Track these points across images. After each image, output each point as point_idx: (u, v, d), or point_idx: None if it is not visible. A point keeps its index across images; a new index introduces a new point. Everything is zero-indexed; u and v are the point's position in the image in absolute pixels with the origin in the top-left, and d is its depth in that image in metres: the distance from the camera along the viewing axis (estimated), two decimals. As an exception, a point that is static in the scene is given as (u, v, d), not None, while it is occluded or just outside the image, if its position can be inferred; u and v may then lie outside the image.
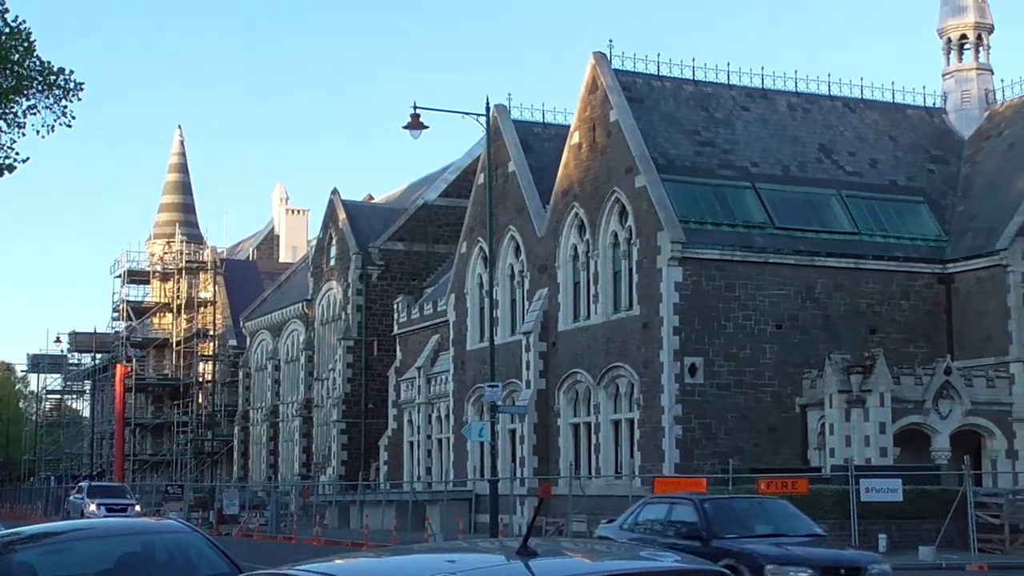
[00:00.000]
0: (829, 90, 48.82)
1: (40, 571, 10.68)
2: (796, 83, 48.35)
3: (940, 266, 44.04)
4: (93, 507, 53.76)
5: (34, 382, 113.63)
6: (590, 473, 43.52)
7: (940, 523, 31.17)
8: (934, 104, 50.56)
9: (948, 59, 50.93)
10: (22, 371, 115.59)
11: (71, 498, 60.28)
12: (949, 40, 50.82)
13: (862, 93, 49.39)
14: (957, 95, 50.32)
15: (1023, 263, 41.89)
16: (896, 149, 48.21)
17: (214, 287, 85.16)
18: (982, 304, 42.72)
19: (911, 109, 50.06)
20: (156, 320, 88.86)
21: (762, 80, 47.82)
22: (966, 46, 50.65)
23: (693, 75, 46.78)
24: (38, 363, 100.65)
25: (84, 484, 62.32)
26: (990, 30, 50.95)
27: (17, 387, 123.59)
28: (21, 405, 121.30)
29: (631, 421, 42.58)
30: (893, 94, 49.96)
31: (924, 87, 51.15)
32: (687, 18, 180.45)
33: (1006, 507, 33.43)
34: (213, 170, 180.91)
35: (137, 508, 56.05)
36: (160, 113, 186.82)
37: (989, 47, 50.89)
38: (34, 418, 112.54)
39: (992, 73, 50.66)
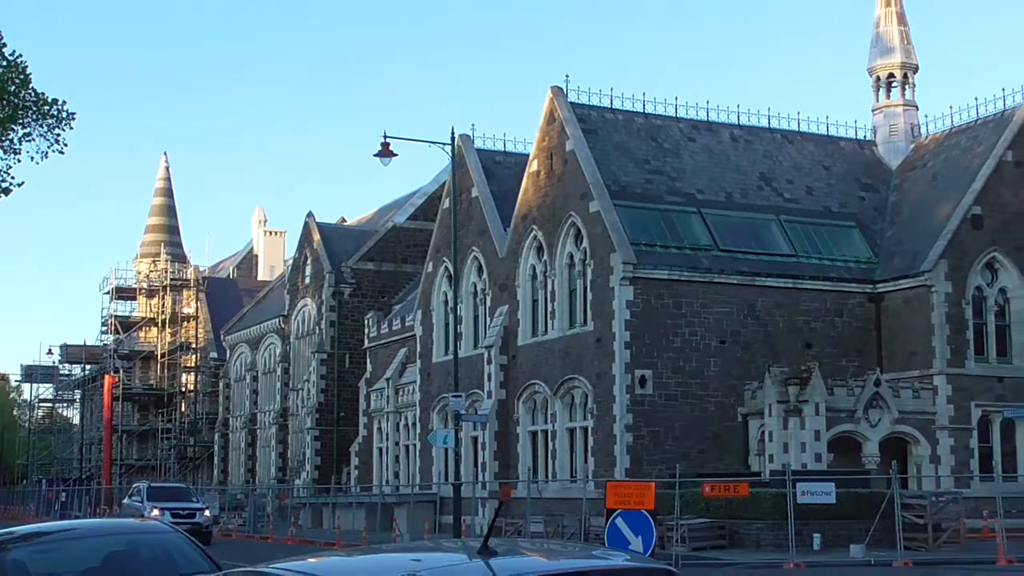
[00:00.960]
0: (769, 123, 49.11)
1: (31, 568, 10.61)
2: (738, 116, 48.59)
3: (870, 286, 44.30)
4: (156, 512, 41.90)
5: (27, 391, 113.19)
6: (547, 477, 43.45)
7: (869, 523, 31.27)
8: (864, 137, 50.91)
9: (877, 96, 51.29)
10: (16, 381, 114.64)
11: (126, 502, 48.68)
12: (878, 78, 51.21)
13: (799, 126, 49.70)
14: (885, 129, 50.68)
15: (946, 284, 42.21)
16: (830, 178, 48.51)
17: (196, 303, 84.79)
18: (908, 321, 43.00)
19: (844, 141, 50.40)
20: (142, 334, 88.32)
21: (707, 113, 48.02)
22: (893, 84, 51.04)
23: (643, 108, 46.96)
24: (31, 373, 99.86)
25: (142, 486, 48.82)
26: (915, 70, 51.37)
27: (11, 396, 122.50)
28: (15, 413, 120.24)
29: (585, 429, 42.56)
30: (827, 127, 50.32)
31: (855, 121, 51.61)
32: (638, 54, 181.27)
33: (929, 508, 33.59)
34: (196, 194, 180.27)
35: (207, 513, 44.36)
36: (147, 140, 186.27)
37: (914, 85, 51.33)
38: (27, 425, 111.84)
39: (917, 109, 51.07)
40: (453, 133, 39.53)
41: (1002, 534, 30.51)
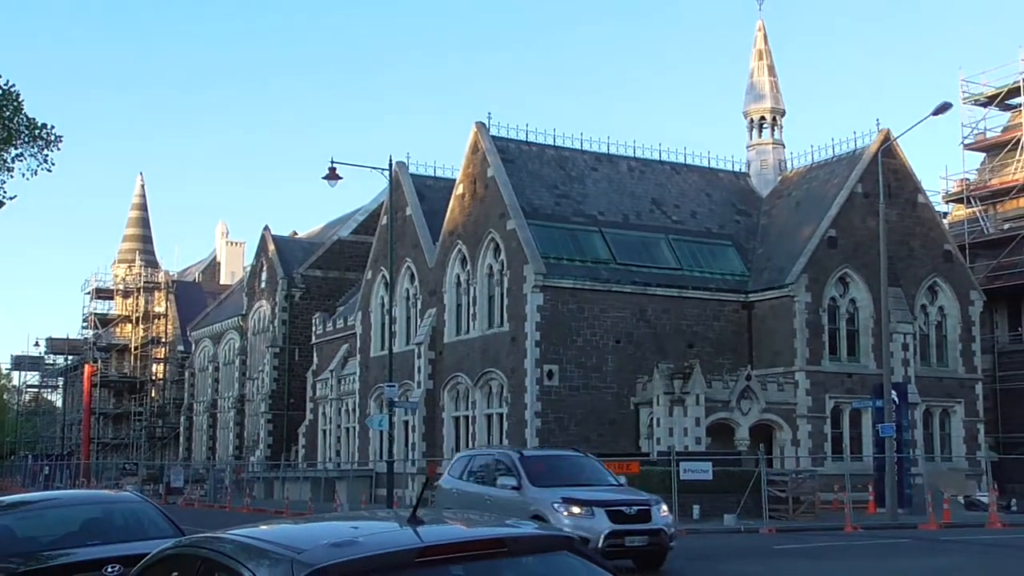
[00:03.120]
0: (660, 156, 49.35)
1: (18, 532, 10.42)
2: (634, 150, 48.84)
3: (743, 296, 44.72)
4: (575, 511, 18.04)
5: (16, 378, 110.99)
6: (468, 456, 43.30)
7: (740, 496, 31.57)
8: (740, 170, 51.38)
9: (751, 135, 51.82)
10: (6, 369, 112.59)
11: (455, 488, 21.26)
12: (751, 120, 51.77)
13: (685, 159, 50.01)
14: (757, 163, 51.22)
15: (806, 295, 42.75)
16: (711, 204, 48.90)
17: (166, 303, 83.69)
18: (775, 326, 43.47)
19: (722, 173, 50.84)
20: (118, 329, 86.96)
21: (608, 147, 48.22)
22: (764, 126, 51.60)
23: (554, 141, 47.02)
24: (20, 362, 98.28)
25: (507, 456, 20.77)
26: (782, 114, 52.02)
27: (2, 382, 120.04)
28: (5, 396, 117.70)
29: (501, 415, 42.55)
30: (709, 161, 50.74)
31: (732, 156, 52.07)
32: (551, 94, 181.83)
33: (790, 484, 34.02)
34: (168, 208, 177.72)
35: (664, 510, 18.54)
36: (125, 159, 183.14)
37: (782, 127, 51.94)
38: (15, 407, 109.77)
39: (784, 147, 51.64)
40: (391, 160, 39.47)
41: (849, 505, 31.02)
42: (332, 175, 36.11)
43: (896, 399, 35.22)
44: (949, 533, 28.43)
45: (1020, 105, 53.17)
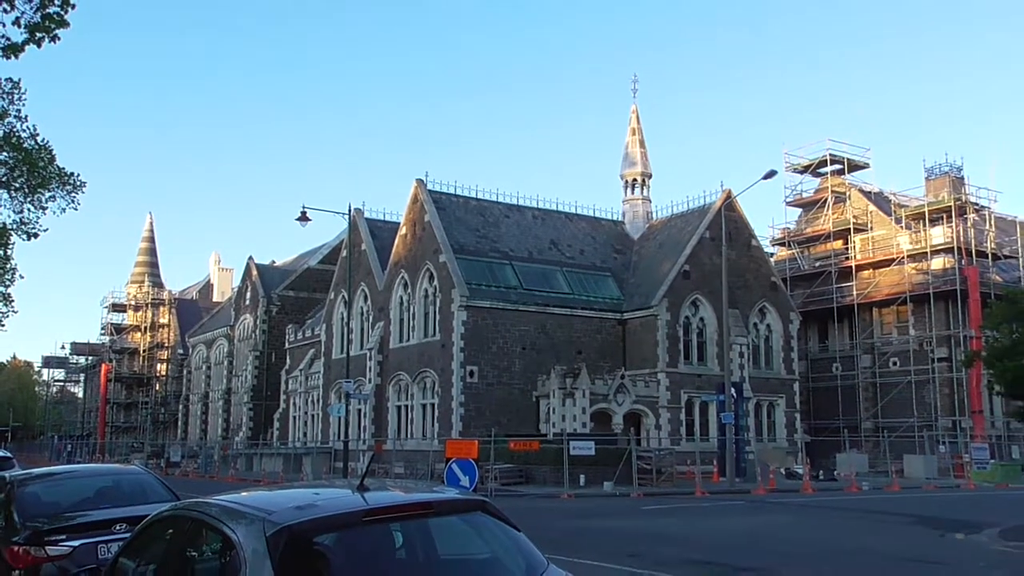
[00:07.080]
0: (556, 207, 49.79)
1: (43, 498, 10.09)
2: (537, 202, 49.22)
3: (619, 315, 45.16)
4: None
5: (46, 374, 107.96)
6: (407, 436, 43.07)
7: (615, 468, 31.75)
8: (617, 218, 51.93)
9: (626, 192, 52.45)
10: (38, 367, 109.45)
11: None
12: (626, 181, 52.40)
13: (576, 210, 50.48)
14: (631, 214, 51.85)
15: (666, 314, 43.29)
16: (595, 244, 49.36)
17: (169, 315, 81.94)
18: (643, 338, 43.95)
19: (604, 221, 51.37)
20: (130, 335, 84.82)
21: (517, 199, 48.52)
22: (636, 185, 52.24)
23: (476, 194, 47.18)
24: (48, 362, 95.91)
25: None
26: (650, 176, 52.70)
27: (34, 377, 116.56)
28: (36, 389, 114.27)
29: (433, 404, 42.34)
30: (594, 211, 51.24)
31: (612, 208, 52.61)
32: (475, 157, 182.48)
33: (654, 459, 34.32)
34: (172, 239, 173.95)
35: None
36: (136, 198, 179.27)
37: (649, 186, 52.60)
38: (45, 397, 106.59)
39: (651, 201, 52.35)
40: (350, 207, 39.33)
41: (699, 475, 31.35)
42: (303, 217, 35.71)
43: (734, 394, 35.81)
44: (774, 496, 28.92)
45: (827, 173, 54.65)
